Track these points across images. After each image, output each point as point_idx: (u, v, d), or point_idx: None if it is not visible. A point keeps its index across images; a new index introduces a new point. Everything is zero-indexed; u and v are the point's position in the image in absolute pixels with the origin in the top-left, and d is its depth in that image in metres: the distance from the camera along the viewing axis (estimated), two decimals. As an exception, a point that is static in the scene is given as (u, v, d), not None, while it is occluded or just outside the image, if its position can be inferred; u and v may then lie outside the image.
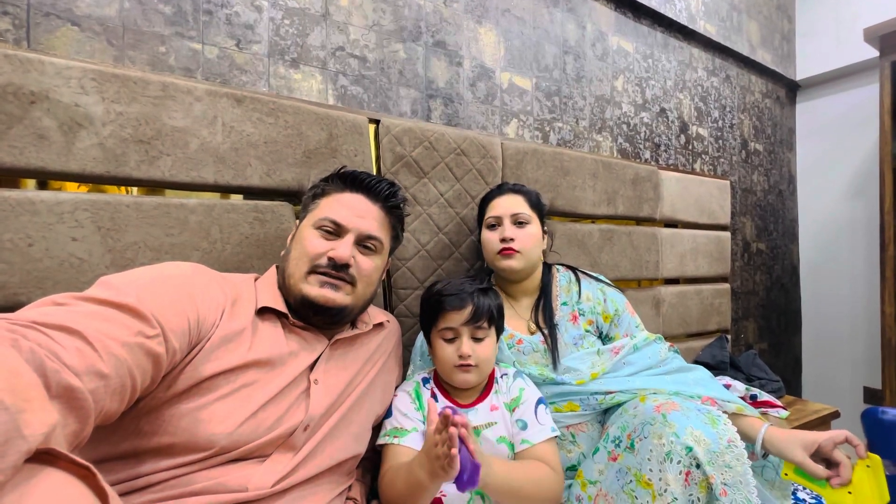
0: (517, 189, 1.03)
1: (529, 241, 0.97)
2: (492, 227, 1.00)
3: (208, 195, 0.91)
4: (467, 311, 0.79)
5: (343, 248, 0.71)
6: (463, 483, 0.58)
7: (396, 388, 0.86)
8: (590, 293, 1.03)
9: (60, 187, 0.83)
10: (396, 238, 0.85)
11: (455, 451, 0.56)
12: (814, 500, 1.08)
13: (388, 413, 0.81)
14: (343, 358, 0.76)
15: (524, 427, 0.79)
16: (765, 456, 0.79)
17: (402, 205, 0.82)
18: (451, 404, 0.81)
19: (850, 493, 0.67)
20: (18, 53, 0.70)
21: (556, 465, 0.76)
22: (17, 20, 0.81)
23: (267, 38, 1.05)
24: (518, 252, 0.95)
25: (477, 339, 0.80)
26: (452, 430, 0.55)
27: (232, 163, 0.88)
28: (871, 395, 2.18)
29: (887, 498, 0.66)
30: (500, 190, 1.04)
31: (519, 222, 0.98)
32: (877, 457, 0.68)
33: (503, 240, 0.96)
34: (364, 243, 0.75)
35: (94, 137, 0.76)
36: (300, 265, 0.71)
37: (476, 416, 0.80)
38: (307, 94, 1.10)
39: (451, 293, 0.81)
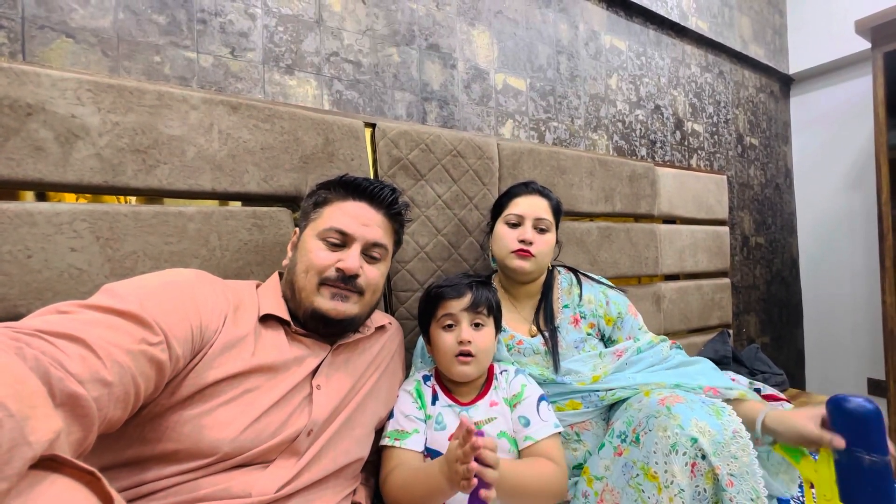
0: (544, 193, 1.02)
1: (545, 247, 0.97)
2: (512, 224, 0.99)
3: (206, 203, 0.91)
4: (466, 298, 0.81)
5: (352, 260, 0.71)
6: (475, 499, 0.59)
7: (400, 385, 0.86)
8: (591, 296, 1.02)
9: (61, 199, 0.84)
10: (398, 243, 0.85)
11: (474, 481, 0.56)
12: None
13: (390, 414, 0.81)
14: (346, 363, 0.76)
15: (527, 424, 0.79)
16: (773, 443, 0.79)
17: (404, 211, 0.83)
18: (455, 404, 0.81)
19: (816, 471, 0.70)
20: (14, 66, 0.71)
21: (560, 460, 0.76)
22: (12, 33, 0.81)
23: (261, 46, 1.06)
24: (533, 256, 0.95)
25: (476, 326, 0.81)
26: (473, 465, 0.55)
27: (229, 170, 0.88)
28: (875, 386, 2.18)
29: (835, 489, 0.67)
30: (527, 188, 1.02)
31: (540, 228, 0.98)
32: (826, 450, 0.70)
33: (522, 241, 0.95)
34: (370, 252, 0.75)
35: (91, 148, 0.76)
36: (310, 278, 0.70)
37: (476, 412, 0.80)
38: (302, 99, 1.11)
39: (450, 285, 0.84)
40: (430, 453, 0.77)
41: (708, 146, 2.11)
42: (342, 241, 0.73)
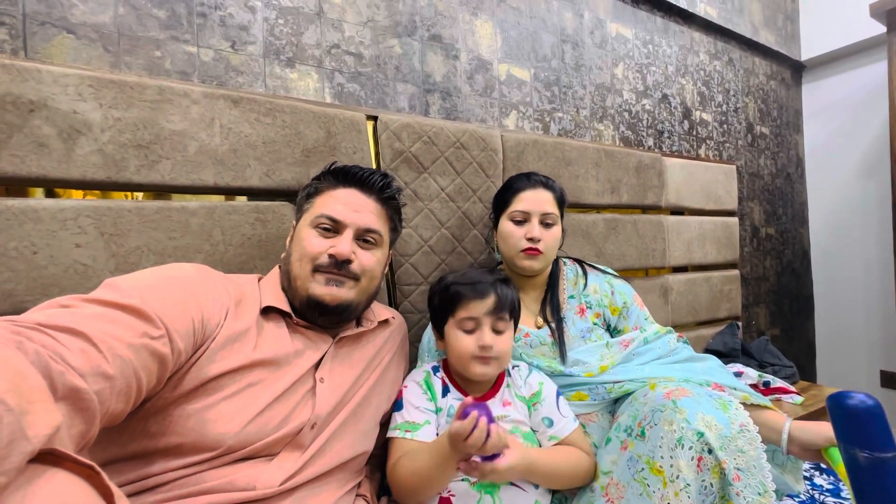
0: (548, 185, 0.99)
1: (553, 241, 0.96)
2: (518, 222, 0.96)
3: (209, 198, 0.92)
4: (490, 301, 0.77)
5: (343, 245, 0.71)
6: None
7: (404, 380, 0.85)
8: (597, 285, 1.02)
9: (68, 195, 0.84)
10: (395, 230, 0.84)
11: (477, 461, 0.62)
12: (831, 485, 1.06)
13: (397, 406, 0.79)
14: (349, 356, 0.76)
15: (550, 424, 0.79)
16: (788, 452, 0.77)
17: (397, 195, 0.82)
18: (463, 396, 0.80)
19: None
20: (16, 63, 0.71)
21: (588, 449, 0.79)
22: (14, 30, 0.82)
23: (262, 39, 1.05)
24: (542, 253, 0.94)
25: (497, 332, 0.78)
26: (477, 434, 0.59)
27: (231, 164, 0.88)
28: (887, 379, 2.14)
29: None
30: (530, 181, 0.99)
31: (547, 223, 0.96)
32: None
33: (530, 239, 0.93)
34: (363, 237, 0.75)
35: (94, 144, 0.76)
36: (303, 265, 0.70)
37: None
38: (304, 93, 1.10)
39: (473, 282, 0.79)
40: None
41: (717, 135, 2.07)
42: (334, 227, 0.73)
